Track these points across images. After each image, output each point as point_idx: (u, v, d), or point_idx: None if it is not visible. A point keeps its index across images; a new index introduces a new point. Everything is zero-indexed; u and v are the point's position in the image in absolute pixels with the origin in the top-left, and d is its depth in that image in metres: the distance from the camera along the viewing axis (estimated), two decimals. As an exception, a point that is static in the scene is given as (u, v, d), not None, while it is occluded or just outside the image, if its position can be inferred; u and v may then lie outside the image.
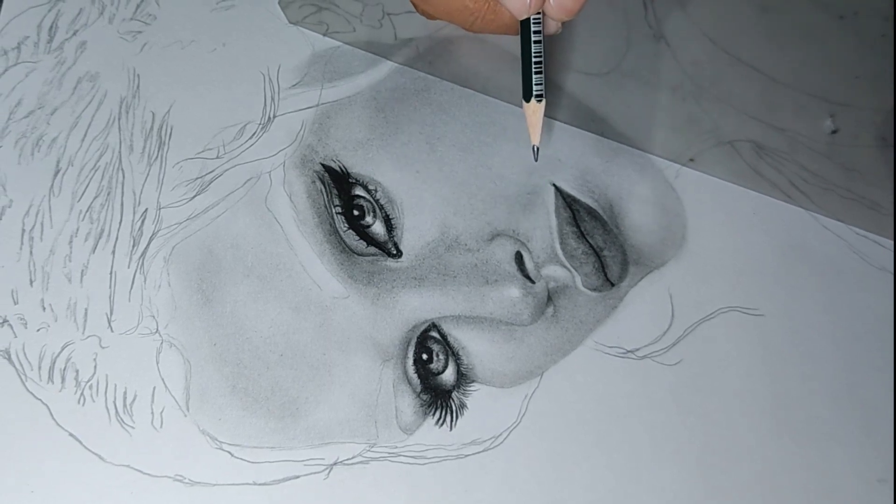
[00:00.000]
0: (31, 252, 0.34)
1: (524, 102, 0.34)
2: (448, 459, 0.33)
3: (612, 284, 0.36)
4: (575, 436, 0.34)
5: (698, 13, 0.41)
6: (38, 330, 0.33)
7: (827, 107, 0.40)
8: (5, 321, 0.33)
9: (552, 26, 0.33)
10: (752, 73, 0.40)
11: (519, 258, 0.35)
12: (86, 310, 0.33)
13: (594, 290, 0.36)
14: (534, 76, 0.33)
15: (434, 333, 0.35)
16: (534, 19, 0.32)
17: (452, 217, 0.36)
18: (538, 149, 0.35)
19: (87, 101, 0.37)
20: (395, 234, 0.36)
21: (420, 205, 0.36)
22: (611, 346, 0.35)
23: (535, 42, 0.32)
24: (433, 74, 0.39)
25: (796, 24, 0.41)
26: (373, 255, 0.35)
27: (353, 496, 0.32)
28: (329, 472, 0.33)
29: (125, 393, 0.33)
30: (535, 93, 0.34)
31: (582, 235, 0.36)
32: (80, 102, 0.37)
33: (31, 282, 0.34)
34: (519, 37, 0.33)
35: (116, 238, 0.34)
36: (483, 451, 0.33)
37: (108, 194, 0.35)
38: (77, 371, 0.33)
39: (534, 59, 0.33)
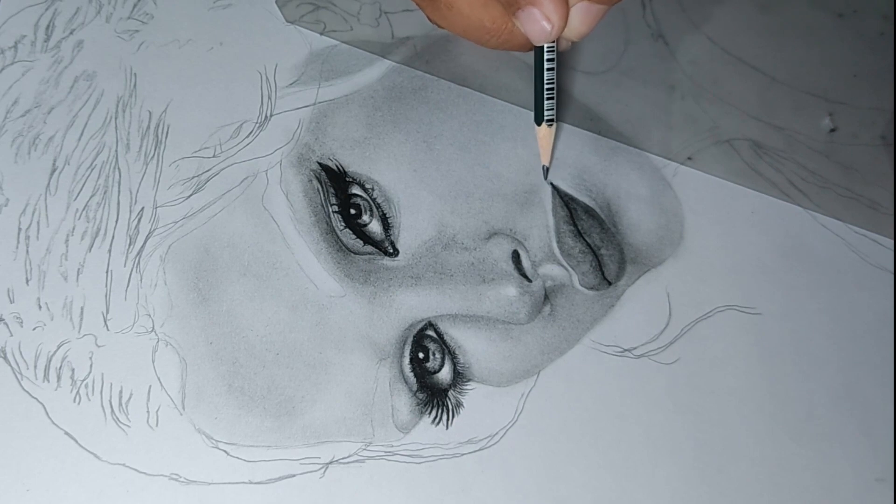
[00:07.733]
0: (27, 251, 0.34)
1: (536, 126, 0.34)
2: (444, 458, 0.33)
3: (610, 283, 0.36)
4: (571, 434, 0.34)
5: (697, 12, 0.41)
6: (34, 328, 0.33)
7: (825, 105, 0.40)
8: (1, 319, 0.33)
9: (562, 44, 0.33)
10: (751, 72, 0.40)
11: (516, 257, 0.35)
12: (82, 308, 0.33)
13: (591, 288, 0.36)
14: (545, 102, 0.33)
15: (430, 332, 0.34)
16: (548, 47, 0.32)
17: (449, 216, 0.36)
18: (548, 169, 0.37)
19: (84, 99, 0.37)
20: (391, 232, 0.35)
21: (417, 203, 0.36)
22: (608, 344, 0.35)
23: (549, 70, 0.32)
24: (431, 73, 0.39)
25: (795, 22, 0.41)
26: (369, 253, 0.35)
27: (348, 495, 0.32)
28: (325, 470, 0.33)
29: (121, 392, 0.33)
30: (546, 118, 0.34)
31: (579, 234, 0.36)
32: (77, 101, 0.37)
33: (28, 280, 0.34)
34: (527, 52, 0.33)
35: (113, 237, 0.34)
36: (479, 449, 0.33)
37: (105, 193, 0.35)
38: (73, 370, 0.33)
39: (546, 86, 0.33)
